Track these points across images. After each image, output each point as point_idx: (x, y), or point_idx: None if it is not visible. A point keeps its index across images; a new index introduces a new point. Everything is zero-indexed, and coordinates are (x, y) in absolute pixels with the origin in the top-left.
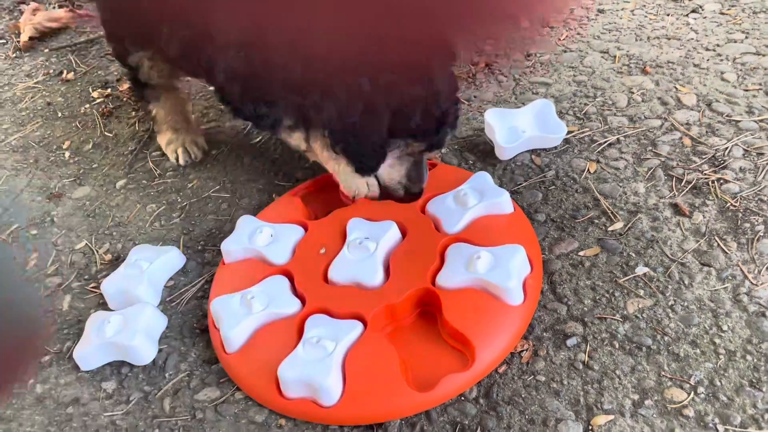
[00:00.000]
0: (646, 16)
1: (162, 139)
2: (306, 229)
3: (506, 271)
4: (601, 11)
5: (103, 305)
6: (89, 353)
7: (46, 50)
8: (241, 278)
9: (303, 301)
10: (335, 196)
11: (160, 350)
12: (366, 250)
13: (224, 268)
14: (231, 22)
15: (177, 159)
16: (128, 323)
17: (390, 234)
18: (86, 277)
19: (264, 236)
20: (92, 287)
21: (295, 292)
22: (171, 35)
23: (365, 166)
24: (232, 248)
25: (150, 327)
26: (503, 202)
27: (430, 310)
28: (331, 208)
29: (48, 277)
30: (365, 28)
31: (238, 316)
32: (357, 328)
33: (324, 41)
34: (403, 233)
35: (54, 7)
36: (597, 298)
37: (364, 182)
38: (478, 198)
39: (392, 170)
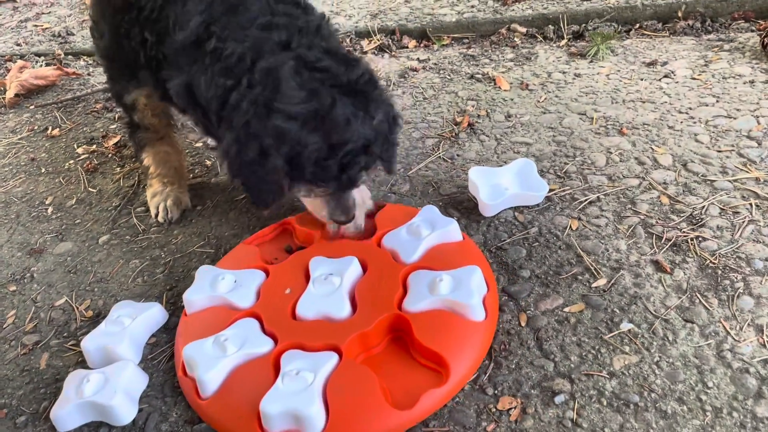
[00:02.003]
0: (620, 81)
1: (149, 191)
2: (267, 274)
3: (468, 289)
4: (577, 75)
5: (82, 363)
6: (67, 413)
7: (32, 107)
8: (208, 326)
9: (274, 340)
10: (289, 242)
11: (140, 410)
12: (332, 285)
13: (188, 319)
14: None
15: (157, 215)
16: (108, 382)
17: (352, 268)
18: (65, 334)
19: (227, 282)
20: (71, 345)
21: (265, 332)
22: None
23: (259, 200)
24: (194, 298)
25: (130, 386)
26: (453, 231)
27: (400, 336)
28: (286, 253)
29: (26, 334)
30: None
31: (212, 359)
32: (333, 358)
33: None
34: (364, 268)
35: (41, 65)
36: (583, 354)
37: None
38: (430, 228)
39: (315, 204)
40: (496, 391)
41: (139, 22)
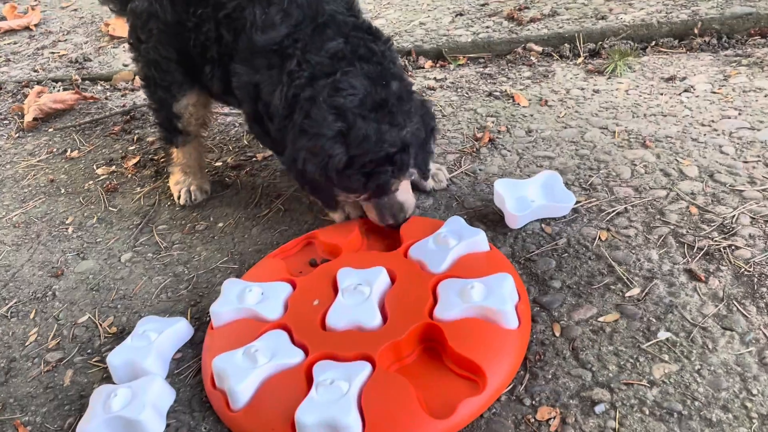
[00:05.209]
0: (640, 96)
1: (172, 180)
2: (294, 286)
3: (500, 296)
4: (596, 91)
5: (107, 379)
6: (94, 429)
7: (50, 130)
8: (236, 338)
9: (305, 351)
10: (313, 255)
11: (168, 425)
12: (361, 295)
13: (215, 332)
14: None
15: (179, 198)
16: (136, 396)
17: (381, 278)
18: (89, 351)
19: (254, 295)
20: (95, 361)
21: (295, 343)
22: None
23: (326, 206)
24: (221, 310)
25: (158, 400)
26: (480, 241)
27: (432, 346)
28: (311, 265)
29: (49, 351)
30: None
31: (244, 370)
32: (366, 367)
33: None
34: (392, 278)
35: (58, 91)
36: (621, 363)
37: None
38: (457, 238)
39: (368, 208)
40: (533, 402)
41: (216, 18)
